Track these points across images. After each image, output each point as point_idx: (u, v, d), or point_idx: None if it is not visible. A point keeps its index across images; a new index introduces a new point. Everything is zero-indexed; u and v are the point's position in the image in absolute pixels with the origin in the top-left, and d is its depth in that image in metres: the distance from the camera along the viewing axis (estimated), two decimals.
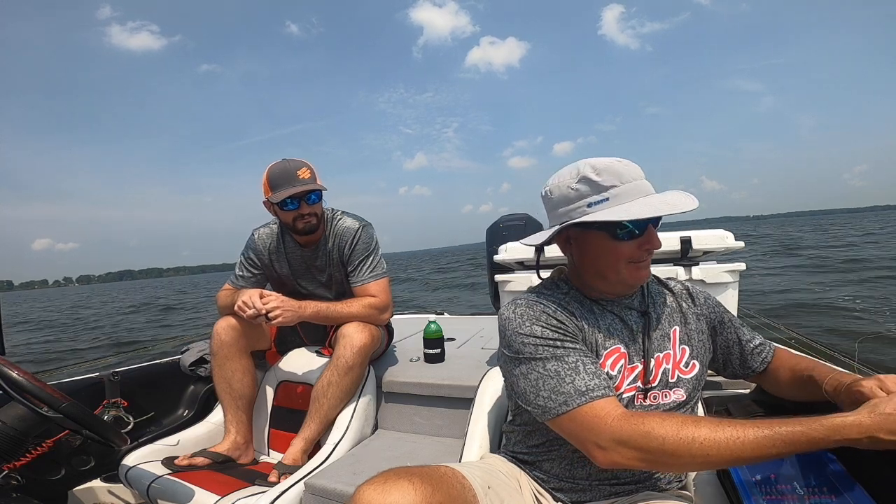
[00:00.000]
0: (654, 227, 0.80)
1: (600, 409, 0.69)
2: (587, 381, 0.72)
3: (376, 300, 1.60)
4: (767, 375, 0.91)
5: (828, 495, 0.74)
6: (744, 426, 0.61)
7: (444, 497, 0.67)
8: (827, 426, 0.58)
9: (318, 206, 1.58)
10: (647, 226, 0.78)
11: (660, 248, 0.80)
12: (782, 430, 0.59)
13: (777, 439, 0.59)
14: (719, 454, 0.61)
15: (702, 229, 1.51)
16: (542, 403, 0.74)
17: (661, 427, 0.64)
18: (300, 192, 1.49)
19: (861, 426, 0.58)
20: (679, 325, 0.87)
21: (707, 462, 0.62)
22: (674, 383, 0.82)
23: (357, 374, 1.51)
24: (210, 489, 1.24)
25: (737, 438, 0.60)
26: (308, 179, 1.53)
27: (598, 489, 0.83)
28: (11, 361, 0.95)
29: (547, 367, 0.74)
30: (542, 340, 0.76)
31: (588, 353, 0.77)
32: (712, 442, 0.61)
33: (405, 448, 1.51)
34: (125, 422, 1.58)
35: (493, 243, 1.84)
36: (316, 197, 1.56)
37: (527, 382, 0.76)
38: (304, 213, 1.54)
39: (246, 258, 1.70)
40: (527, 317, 0.78)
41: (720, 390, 1.32)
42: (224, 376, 1.55)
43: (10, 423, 0.90)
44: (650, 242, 0.79)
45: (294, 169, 1.53)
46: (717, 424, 0.63)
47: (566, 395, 0.71)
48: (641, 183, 0.77)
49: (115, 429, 1.07)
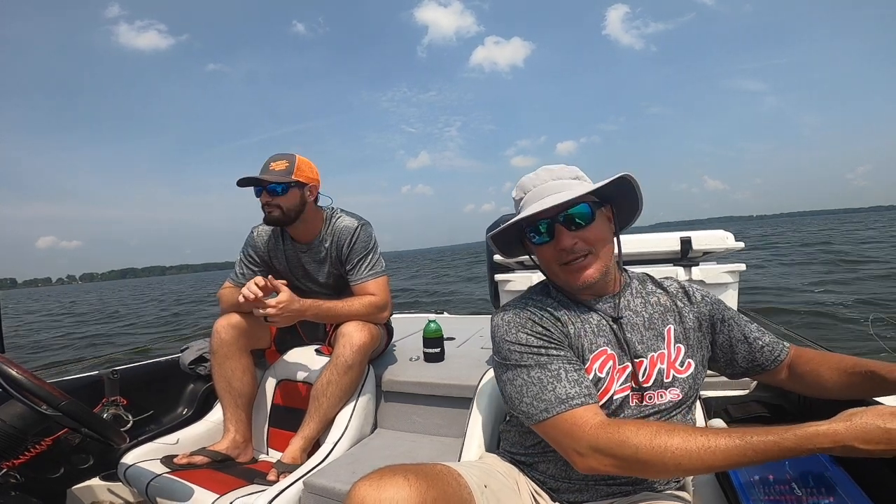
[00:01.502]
0: (570, 227, 0.79)
1: (579, 416, 0.71)
2: (568, 389, 0.73)
3: (375, 299, 1.60)
4: (787, 374, 0.88)
5: (826, 496, 0.75)
6: (716, 435, 0.62)
7: (439, 494, 0.67)
8: (799, 435, 0.58)
9: (283, 199, 1.55)
10: (555, 227, 0.79)
11: (570, 246, 0.79)
12: (753, 440, 0.60)
13: (748, 449, 0.60)
14: (691, 463, 0.62)
15: (704, 229, 1.51)
16: (525, 409, 0.76)
17: (636, 436, 0.65)
18: (258, 179, 1.52)
19: (835, 435, 0.57)
20: (674, 323, 0.86)
21: (680, 470, 0.64)
22: (669, 383, 0.82)
23: (356, 373, 1.51)
24: (209, 488, 1.24)
25: (708, 448, 0.62)
26: (280, 171, 1.55)
27: (594, 489, 0.83)
28: (11, 359, 0.95)
29: (531, 375, 0.76)
30: (527, 348, 0.78)
31: (572, 360, 0.78)
32: (684, 451, 0.62)
33: (404, 447, 1.51)
34: (124, 420, 1.58)
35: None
36: (278, 188, 1.54)
37: (513, 388, 0.78)
38: (263, 202, 1.56)
39: (245, 255, 1.70)
40: (514, 324, 0.81)
41: (719, 391, 1.32)
42: (224, 375, 1.55)
43: (9, 421, 0.90)
44: (560, 243, 0.80)
45: (271, 161, 1.56)
46: (690, 433, 0.64)
47: (547, 403, 0.73)
48: (542, 187, 0.80)
49: (115, 427, 1.07)
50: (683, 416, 0.84)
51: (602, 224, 0.82)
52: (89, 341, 9.16)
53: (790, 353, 0.89)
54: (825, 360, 0.84)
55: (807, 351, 0.89)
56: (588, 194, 0.79)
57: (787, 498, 0.76)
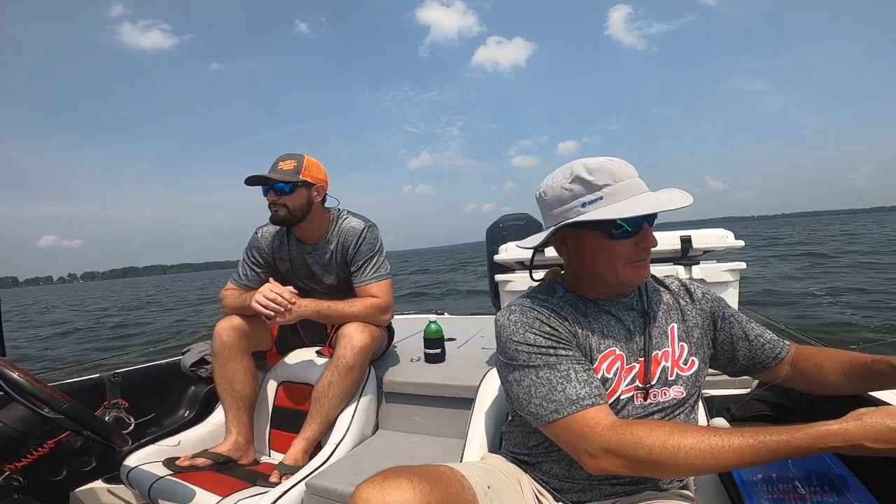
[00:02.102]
0: (650, 225, 0.79)
1: (590, 417, 0.70)
2: (578, 389, 0.73)
3: (378, 301, 1.60)
4: (788, 372, 0.88)
5: (829, 494, 0.74)
6: (729, 435, 0.63)
7: (443, 496, 0.67)
8: (812, 434, 0.59)
9: (290, 198, 1.55)
10: (643, 224, 0.78)
11: (656, 246, 0.80)
12: (766, 440, 0.60)
13: (761, 448, 0.60)
14: (704, 463, 0.62)
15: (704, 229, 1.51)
16: (534, 410, 0.75)
17: (649, 436, 0.65)
18: (266, 178, 1.52)
19: (846, 434, 0.58)
20: (677, 321, 0.86)
21: (693, 470, 0.64)
22: (673, 381, 0.82)
23: (358, 374, 1.51)
24: (211, 490, 1.24)
25: (721, 447, 0.62)
26: (288, 171, 1.54)
27: (598, 489, 0.83)
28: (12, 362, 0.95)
29: (539, 375, 0.75)
30: (535, 348, 0.77)
31: (580, 360, 0.77)
32: (698, 451, 0.62)
33: (406, 448, 1.51)
34: (126, 423, 1.58)
35: (493, 243, 1.84)
36: (285, 187, 1.54)
37: (520, 389, 0.77)
38: (270, 201, 1.56)
39: (249, 256, 1.70)
40: (520, 324, 0.79)
41: (721, 389, 1.31)
42: (226, 377, 1.55)
43: (11, 424, 0.90)
44: (646, 241, 0.78)
45: (279, 160, 1.56)
46: (703, 433, 0.64)
47: (557, 404, 0.72)
48: (635, 181, 0.77)
49: (117, 430, 1.07)
50: (686, 415, 0.84)
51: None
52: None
53: (791, 351, 0.89)
54: (826, 356, 0.84)
55: (807, 348, 0.89)
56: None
57: (791, 496, 0.76)
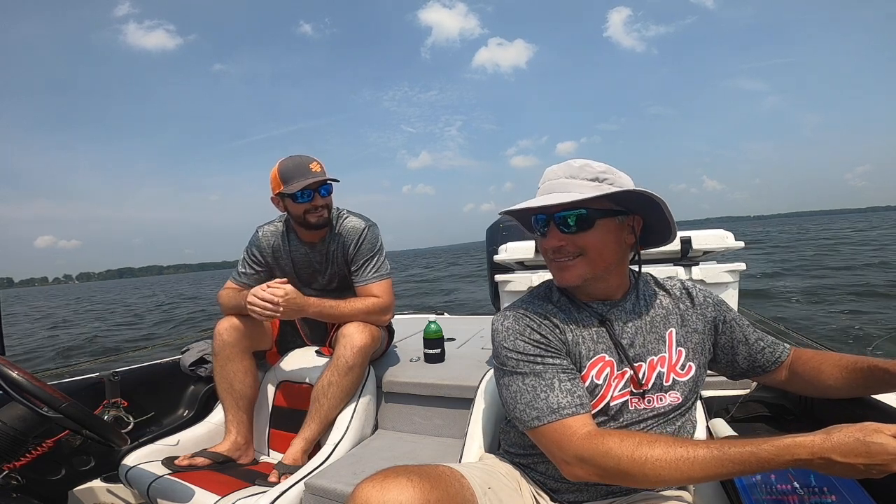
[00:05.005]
0: (562, 230, 0.78)
1: (567, 427, 0.72)
2: (560, 398, 0.74)
3: (379, 301, 1.60)
4: (787, 375, 0.88)
5: (828, 495, 0.75)
6: (696, 447, 0.63)
7: (442, 495, 0.68)
8: (778, 446, 0.59)
9: (330, 199, 1.59)
10: (549, 224, 0.80)
11: (554, 247, 0.79)
12: (731, 452, 0.61)
13: (726, 460, 0.61)
14: (671, 475, 0.63)
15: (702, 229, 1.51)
16: (518, 415, 0.77)
17: (619, 447, 0.66)
18: (314, 182, 1.51)
19: (813, 447, 0.57)
20: (676, 326, 0.85)
21: (661, 481, 0.64)
22: (668, 386, 0.82)
23: (357, 374, 1.51)
24: (210, 489, 1.24)
25: (687, 459, 0.62)
26: (320, 173, 1.55)
27: (594, 489, 0.83)
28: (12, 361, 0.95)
29: (525, 382, 0.77)
30: (523, 356, 0.78)
31: (567, 369, 0.78)
32: (664, 462, 0.63)
33: (405, 448, 1.51)
34: (125, 422, 1.58)
35: (492, 243, 1.84)
36: (328, 189, 1.57)
37: (508, 393, 0.80)
38: (317, 206, 1.54)
39: (249, 255, 1.69)
40: (512, 330, 0.81)
41: (720, 390, 1.31)
42: (226, 377, 1.55)
43: (10, 423, 0.90)
44: (545, 241, 0.81)
45: (307, 162, 1.55)
46: (670, 445, 0.65)
47: (539, 411, 0.74)
48: (557, 182, 0.79)
49: (116, 429, 1.07)
50: (684, 420, 0.84)
51: (604, 233, 0.79)
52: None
53: (790, 355, 0.89)
54: (825, 360, 0.84)
55: (806, 351, 0.89)
56: (605, 200, 0.77)
57: (790, 498, 0.76)
